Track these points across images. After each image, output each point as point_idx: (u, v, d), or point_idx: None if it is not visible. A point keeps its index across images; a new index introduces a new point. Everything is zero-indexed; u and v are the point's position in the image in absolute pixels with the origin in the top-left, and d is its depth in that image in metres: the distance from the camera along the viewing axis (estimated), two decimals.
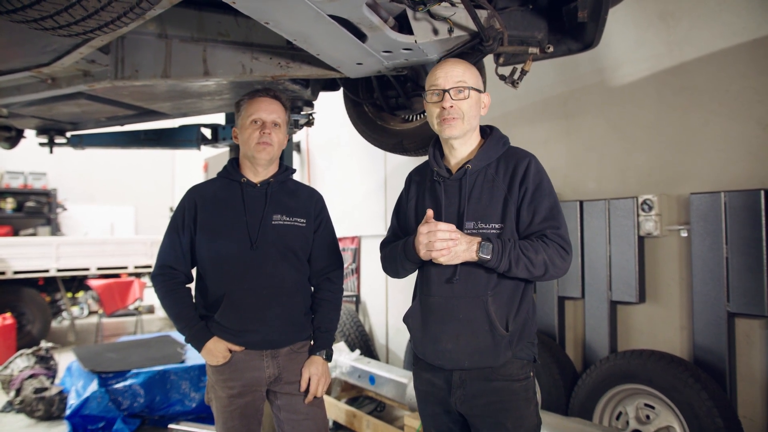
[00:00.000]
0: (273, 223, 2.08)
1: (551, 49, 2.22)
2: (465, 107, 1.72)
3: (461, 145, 1.79)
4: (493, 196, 1.71)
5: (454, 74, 1.73)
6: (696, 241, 3.04)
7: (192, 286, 2.19)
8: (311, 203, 2.21)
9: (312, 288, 2.25)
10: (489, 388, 1.70)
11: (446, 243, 1.60)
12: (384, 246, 1.96)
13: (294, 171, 2.28)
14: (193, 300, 2.15)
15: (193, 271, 2.20)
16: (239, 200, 2.09)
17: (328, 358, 2.18)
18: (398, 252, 1.80)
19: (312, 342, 2.20)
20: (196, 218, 2.09)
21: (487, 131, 1.86)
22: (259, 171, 2.13)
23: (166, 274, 2.11)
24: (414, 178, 1.96)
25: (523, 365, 1.73)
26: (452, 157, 1.82)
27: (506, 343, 1.67)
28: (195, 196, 2.14)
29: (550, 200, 1.69)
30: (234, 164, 2.19)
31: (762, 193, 2.78)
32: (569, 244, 1.68)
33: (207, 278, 2.10)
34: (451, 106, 1.72)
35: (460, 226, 1.68)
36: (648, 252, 3.36)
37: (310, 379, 2.10)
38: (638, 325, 3.43)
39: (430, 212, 1.68)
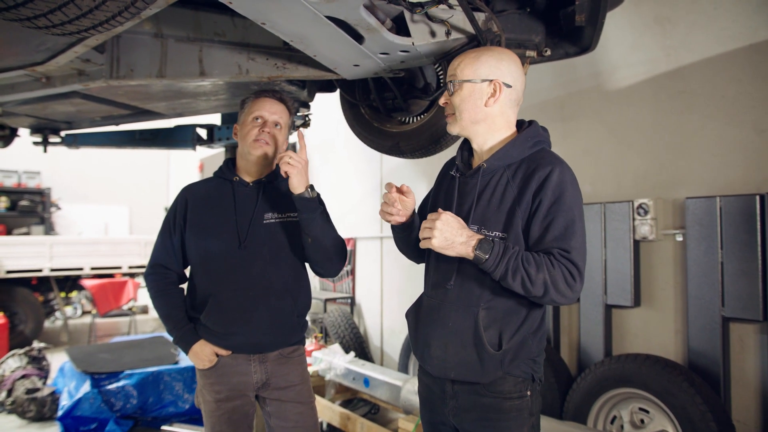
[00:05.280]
0: (264, 222, 2.04)
1: (549, 53, 2.22)
2: (456, 102, 1.64)
3: (477, 142, 1.69)
4: (503, 201, 1.58)
5: (451, 67, 1.67)
6: (691, 246, 3.05)
7: (185, 286, 2.17)
8: None
9: (310, 289, 2.19)
10: (479, 404, 1.60)
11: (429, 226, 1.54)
12: None
13: None
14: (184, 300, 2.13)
15: (187, 271, 2.18)
16: (230, 199, 2.07)
17: (312, 188, 1.94)
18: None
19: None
20: (186, 217, 2.07)
21: (525, 126, 1.70)
22: (254, 170, 2.10)
23: (158, 273, 2.10)
24: (443, 170, 1.88)
25: (517, 383, 1.59)
26: (475, 153, 1.73)
27: (496, 361, 1.54)
28: (187, 195, 2.12)
29: (567, 217, 1.50)
30: (229, 164, 2.16)
31: (757, 198, 2.78)
32: (580, 270, 1.48)
33: (195, 278, 2.08)
34: (446, 102, 1.67)
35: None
36: (643, 256, 3.36)
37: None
38: (633, 329, 3.43)
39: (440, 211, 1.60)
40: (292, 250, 2.08)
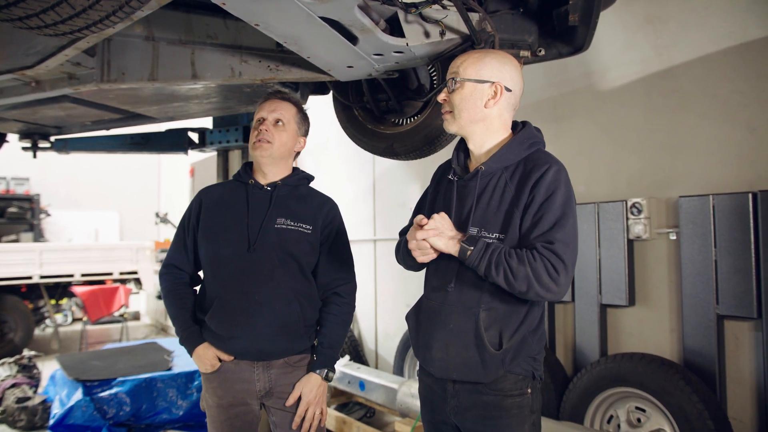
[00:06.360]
0: (276, 226, 2.00)
1: (542, 53, 2.23)
2: (456, 100, 1.64)
3: (474, 142, 1.69)
4: (502, 203, 1.59)
5: (453, 65, 1.66)
6: (685, 244, 3.06)
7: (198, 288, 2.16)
8: (321, 212, 2.10)
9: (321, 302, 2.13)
10: (480, 402, 1.61)
11: (425, 236, 1.58)
12: (400, 236, 1.88)
13: (312, 178, 2.20)
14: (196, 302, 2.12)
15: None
16: (243, 202, 2.05)
17: (328, 378, 2.04)
18: (402, 245, 1.77)
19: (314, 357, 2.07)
20: (199, 219, 2.07)
21: (519, 127, 1.71)
22: (266, 173, 2.08)
23: (171, 273, 2.10)
24: (438, 173, 1.87)
25: (517, 380, 1.60)
26: (472, 155, 1.72)
27: (498, 361, 1.55)
28: (202, 197, 2.12)
29: (556, 214, 1.51)
30: (247, 167, 2.16)
31: (750, 196, 2.80)
32: (565, 263, 1.47)
33: (205, 280, 2.07)
34: (444, 99, 1.66)
35: (463, 231, 1.60)
36: (637, 255, 3.37)
37: (301, 399, 1.98)
38: (628, 329, 3.44)
39: (419, 218, 1.62)
40: (301, 257, 2.03)
